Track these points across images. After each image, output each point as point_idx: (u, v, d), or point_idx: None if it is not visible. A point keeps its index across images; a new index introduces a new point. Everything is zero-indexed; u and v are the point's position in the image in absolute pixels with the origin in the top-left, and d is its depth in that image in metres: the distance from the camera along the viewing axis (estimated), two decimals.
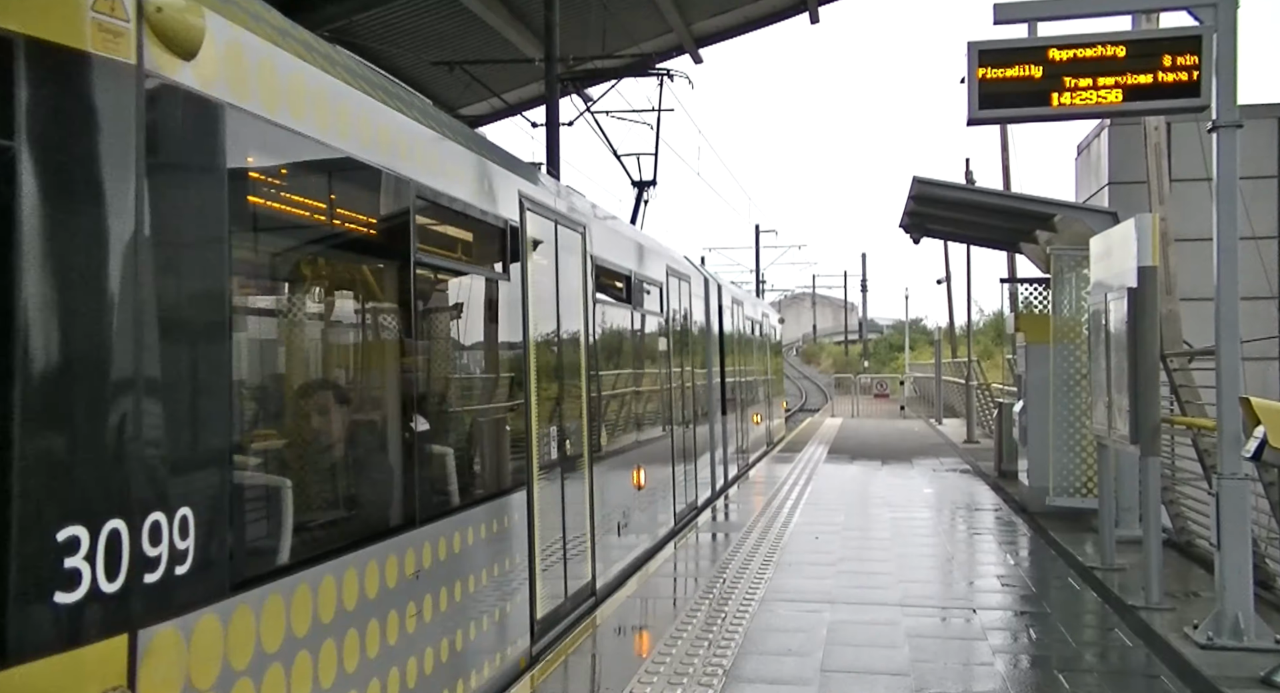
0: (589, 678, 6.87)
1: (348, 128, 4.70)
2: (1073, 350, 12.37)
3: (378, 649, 4.67)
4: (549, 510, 7.52)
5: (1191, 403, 10.52)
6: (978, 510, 14.25)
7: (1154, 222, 8.36)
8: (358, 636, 4.50)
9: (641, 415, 11.12)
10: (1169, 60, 7.52)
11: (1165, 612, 8.12)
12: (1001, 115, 8.39)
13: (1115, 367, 8.87)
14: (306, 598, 4.10)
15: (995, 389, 26.23)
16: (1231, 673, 6.61)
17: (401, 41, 18.83)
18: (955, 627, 8.10)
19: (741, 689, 6.44)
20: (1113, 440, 9.21)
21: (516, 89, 22.40)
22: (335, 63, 4.81)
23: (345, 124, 4.68)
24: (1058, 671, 6.93)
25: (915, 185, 13.70)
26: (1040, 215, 13.52)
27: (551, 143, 18.02)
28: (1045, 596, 9.14)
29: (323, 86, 4.52)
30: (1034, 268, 17.06)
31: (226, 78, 3.78)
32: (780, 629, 7.84)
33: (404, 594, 5.01)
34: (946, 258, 39.27)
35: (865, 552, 11.05)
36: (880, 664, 7.01)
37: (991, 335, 48.95)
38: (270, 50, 4.11)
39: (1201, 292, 9.24)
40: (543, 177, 8.15)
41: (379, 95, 5.13)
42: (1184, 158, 14.72)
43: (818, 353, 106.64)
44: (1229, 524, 7.18)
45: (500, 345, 7.00)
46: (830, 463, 20.56)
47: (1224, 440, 7.31)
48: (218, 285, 3.70)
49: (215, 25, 3.70)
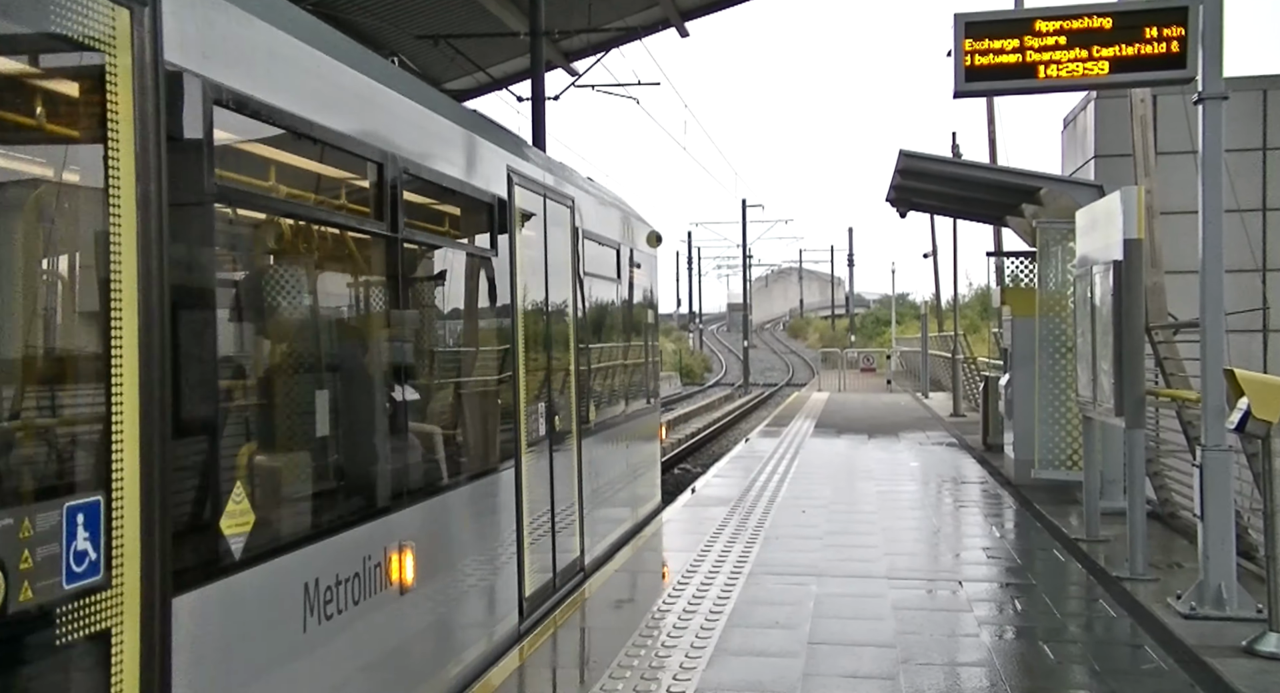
0: (578, 651, 6.89)
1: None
2: (1058, 324, 12.41)
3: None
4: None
5: (1176, 375, 10.55)
6: (964, 484, 14.31)
7: (1140, 194, 8.36)
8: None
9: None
10: (1155, 32, 7.50)
11: (1149, 583, 8.18)
12: (988, 88, 8.38)
13: (1100, 340, 8.89)
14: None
15: (981, 363, 26.29)
16: (1214, 643, 6.67)
17: (384, 14, 18.65)
18: (941, 599, 8.14)
19: (728, 662, 6.47)
20: (1098, 413, 9.24)
21: (501, 63, 22.24)
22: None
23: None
24: (1042, 642, 6.98)
25: (902, 159, 13.68)
26: (1026, 189, 13.52)
27: (537, 117, 17.92)
28: (1030, 567, 9.20)
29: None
30: (1020, 241, 17.08)
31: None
32: (767, 602, 7.87)
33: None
34: (933, 232, 39.35)
35: (852, 525, 11.09)
36: (866, 636, 7.05)
37: (978, 309, 49.04)
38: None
39: (1186, 264, 9.26)
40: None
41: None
42: (1170, 131, 14.70)
43: (804, 328, 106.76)
44: (1212, 496, 7.22)
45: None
46: (817, 437, 20.62)
47: (1208, 412, 7.35)
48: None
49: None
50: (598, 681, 6.15)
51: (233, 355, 3.77)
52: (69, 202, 2.60)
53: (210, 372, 3.23)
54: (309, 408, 4.13)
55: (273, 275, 4.00)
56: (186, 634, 2.78)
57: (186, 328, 3.01)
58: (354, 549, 4.04)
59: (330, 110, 4.22)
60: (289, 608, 3.48)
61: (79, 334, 2.78)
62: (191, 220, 3.01)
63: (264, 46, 3.58)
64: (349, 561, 4.02)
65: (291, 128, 3.84)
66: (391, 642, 4.55)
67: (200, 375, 3.12)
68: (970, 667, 6.48)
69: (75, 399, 2.61)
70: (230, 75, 3.29)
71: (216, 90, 3.21)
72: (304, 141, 4.00)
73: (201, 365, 3.15)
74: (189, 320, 3.03)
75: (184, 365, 2.97)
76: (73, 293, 2.77)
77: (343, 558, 3.96)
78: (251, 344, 3.93)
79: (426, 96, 5.86)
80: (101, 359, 2.57)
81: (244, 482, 3.29)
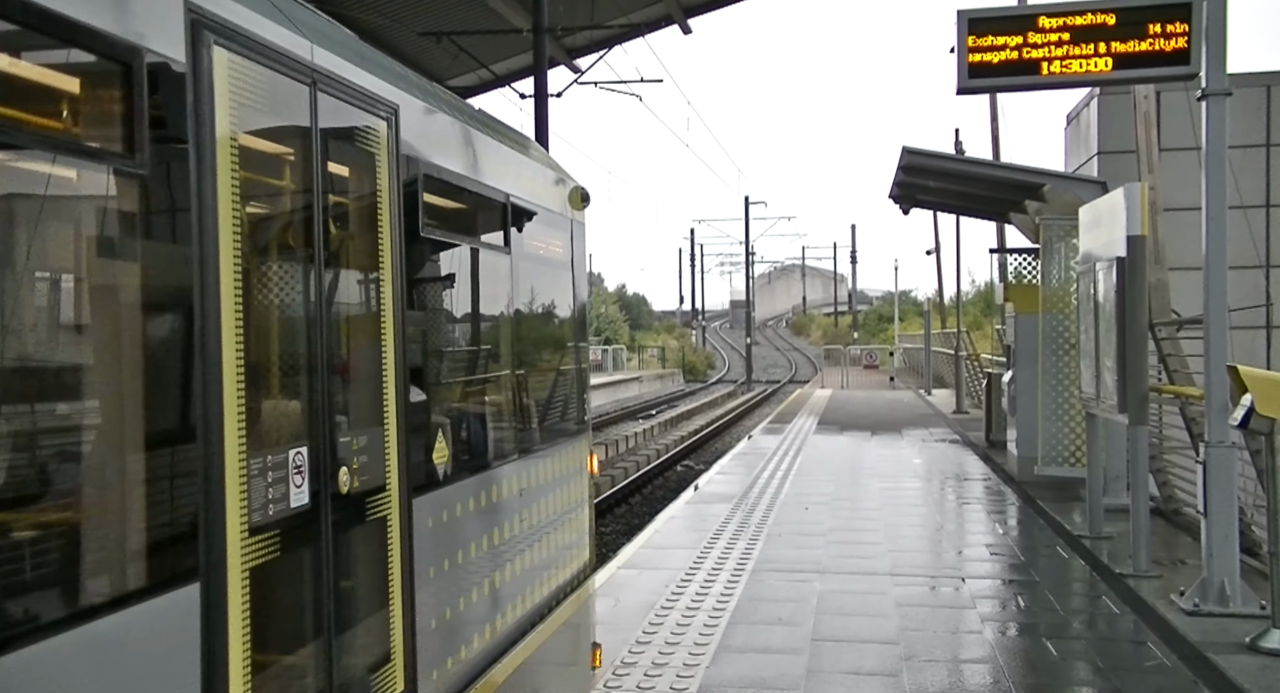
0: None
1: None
2: (1062, 320, 12.41)
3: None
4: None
5: (1179, 372, 10.55)
6: (967, 480, 14.31)
7: (1143, 191, 8.36)
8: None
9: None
10: (1159, 28, 7.50)
11: (1152, 579, 8.18)
12: (991, 84, 8.37)
13: (1104, 336, 8.89)
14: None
15: (984, 360, 26.29)
16: (1217, 639, 6.67)
17: (388, 11, 18.67)
18: (944, 596, 8.15)
19: (733, 659, 6.48)
20: (1101, 410, 9.24)
21: (504, 60, 22.25)
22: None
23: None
24: (1046, 638, 6.98)
25: (905, 156, 13.67)
26: (1030, 185, 13.52)
27: (540, 114, 17.92)
28: (1034, 564, 9.20)
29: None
30: (1024, 238, 17.07)
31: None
32: (771, 599, 7.88)
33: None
34: (936, 229, 39.27)
35: (855, 522, 11.10)
36: (870, 633, 7.05)
37: (981, 306, 49.01)
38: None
39: (1190, 261, 9.26)
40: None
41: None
42: (1173, 127, 14.67)
43: (807, 325, 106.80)
44: (1216, 492, 7.23)
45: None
46: (820, 434, 20.62)
47: (1211, 409, 7.34)
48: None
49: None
50: (601, 677, 6.16)
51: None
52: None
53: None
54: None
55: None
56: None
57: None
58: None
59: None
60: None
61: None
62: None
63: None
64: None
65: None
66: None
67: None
68: (973, 663, 6.49)
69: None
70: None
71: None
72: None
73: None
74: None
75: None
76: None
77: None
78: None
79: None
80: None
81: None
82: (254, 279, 3.46)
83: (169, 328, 3.11)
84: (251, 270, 3.40)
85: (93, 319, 2.87)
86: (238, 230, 3.22)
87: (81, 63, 2.84)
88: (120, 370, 2.90)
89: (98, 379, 2.86)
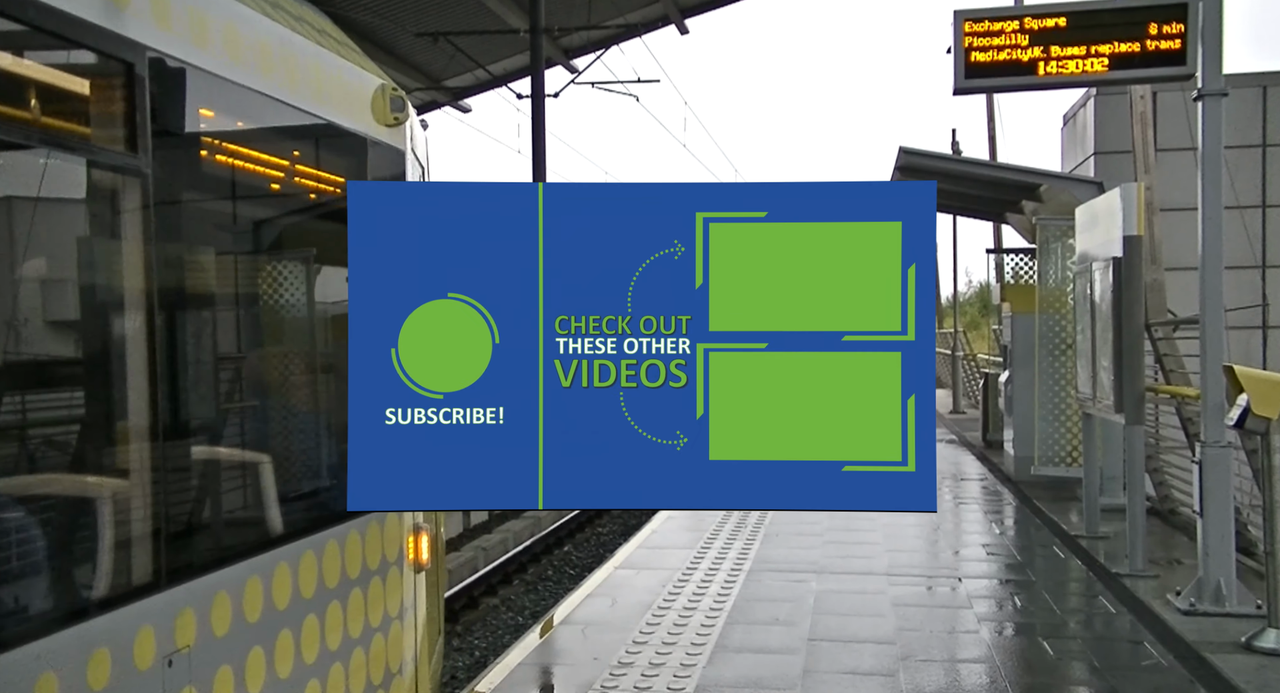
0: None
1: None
2: (1058, 320, 12.41)
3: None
4: None
5: (1175, 372, 10.56)
6: (964, 480, 14.33)
7: (1139, 191, 8.37)
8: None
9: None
10: (1155, 28, 7.50)
11: (1149, 579, 8.19)
12: (987, 85, 8.36)
13: (1100, 336, 8.90)
14: None
15: (981, 360, 26.31)
16: (1214, 639, 6.68)
17: (385, 11, 18.65)
18: (941, 595, 8.15)
19: (730, 659, 6.48)
20: (1097, 410, 9.25)
21: (501, 60, 22.23)
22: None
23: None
24: (1042, 638, 6.99)
25: (901, 156, 13.68)
26: (1026, 185, 13.52)
27: (537, 114, 17.91)
28: (1030, 564, 9.21)
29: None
30: (1020, 238, 17.08)
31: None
32: (768, 599, 7.88)
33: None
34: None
35: (852, 521, 11.09)
36: (867, 633, 7.06)
37: (977, 306, 49.03)
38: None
39: (1186, 261, 9.27)
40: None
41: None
42: (1169, 127, 14.70)
43: None
44: (1212, 492, 7.23)
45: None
46: None
47: (1207, 409, 7.35)
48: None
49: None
50: (598, 678, 6.16)
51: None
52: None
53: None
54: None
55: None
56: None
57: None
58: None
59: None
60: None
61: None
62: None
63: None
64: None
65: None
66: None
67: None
68: (970, 663, 6.50)
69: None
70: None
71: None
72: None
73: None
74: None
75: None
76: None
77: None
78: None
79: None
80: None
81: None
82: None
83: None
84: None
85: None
86: None
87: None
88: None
89: None
